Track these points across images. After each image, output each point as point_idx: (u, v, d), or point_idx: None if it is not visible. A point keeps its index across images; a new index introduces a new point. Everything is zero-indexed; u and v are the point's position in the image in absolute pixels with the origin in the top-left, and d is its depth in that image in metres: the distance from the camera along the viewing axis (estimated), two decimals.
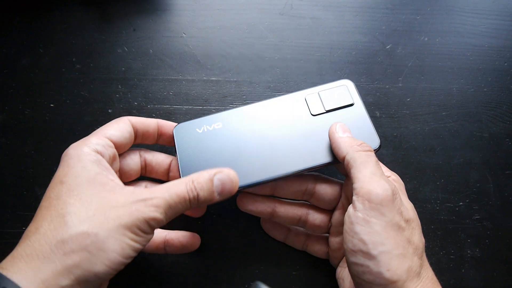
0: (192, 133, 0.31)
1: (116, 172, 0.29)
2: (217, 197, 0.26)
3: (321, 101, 0.32)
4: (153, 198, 0.24)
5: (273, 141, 0.31)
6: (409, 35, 0.41)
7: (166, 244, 0.32)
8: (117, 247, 0.22)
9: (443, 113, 0.39)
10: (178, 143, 0.31)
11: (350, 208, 0.26)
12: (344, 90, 0.33)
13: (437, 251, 0.35)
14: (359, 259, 0.24)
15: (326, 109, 0.32)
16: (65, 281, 0.21)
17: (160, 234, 0.32)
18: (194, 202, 0.25)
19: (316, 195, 0.31)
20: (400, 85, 0.40)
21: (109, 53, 0.40)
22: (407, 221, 0.25)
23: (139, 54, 0.40)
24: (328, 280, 0.35)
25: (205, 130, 0.31)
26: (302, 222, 0.32)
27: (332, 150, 0.30)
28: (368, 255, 0.24)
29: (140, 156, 0.32)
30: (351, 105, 0.32)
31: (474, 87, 0.40)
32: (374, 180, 0.25)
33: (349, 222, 0.25)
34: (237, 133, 0.31)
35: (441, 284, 0.35)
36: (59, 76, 0.39)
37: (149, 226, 0.24)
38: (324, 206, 0.32)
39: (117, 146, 0.29)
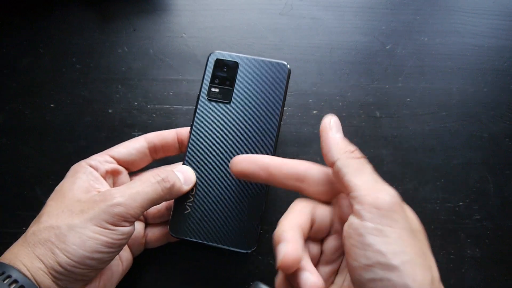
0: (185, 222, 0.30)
1: (118, 184, 0.31)
2: (184, 186, 0.29)
3: (221, 87, 0.31)
4: (118, 189, 0.26)
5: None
6: (409, 35, 0.41)
7: (145, 235, 0.32)
8: (76, 240, 0.24)
9: (443, 113, 0.39)
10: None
11: (353, 219, 0.22)
12: (221, 61, 0.32)
13: (437, 251, 0.35)
14: (377, 274, 0.21)
15: (232, 87, 0.31)
16: (39, 264, 0.23)
17: (163, 225, 0.33)
18: (164, 184, 0.27)
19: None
20: (400, 85, 0.40)
21: (109, 53, 0.40)
22: (416, 230, 0.24)
23: (139, 54, 0.40)
24: None
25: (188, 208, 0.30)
26: None
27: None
28: (388, 266, 0.20)
29: None
30: (237, 63, 0.32)
31: (474, 87, 0.40)
32: (378, 186, 0.23)
33: (357, 235, 0.22)
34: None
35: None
36: (59, 76, 0.39)
37: (117, 215, 0.24)
38: (317, 235, 0.27)
39: (122, 161, 0.31)
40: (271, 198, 0.36)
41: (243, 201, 0.30)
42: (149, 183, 0.26)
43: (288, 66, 0.31)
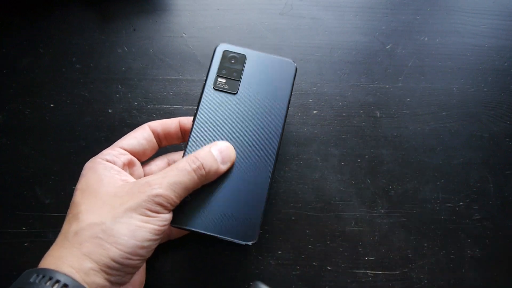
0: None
1: (134, 175, 0.31)
2: (221, 166, 0.28)
3: (228, 78, 0.31)
4: (155, 179, 0.25)
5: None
6: (409, 35, 0.41)
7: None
8: (125, 230, 0.24)
9: (443, 113, 0.39)
10: None
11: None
12: (229, 53, 0.31)
13: (437, 251, 0.35)
14: None
15: (238, 79, 0.31)
16: (89, 264, 0.23)
17: None
18: (200, 172, 0.27)
19: None
20: (400, 85, 0.40)
21: (109, 53, 0.40)
22: None
23: (139, 54, 0.40)
24: (328, 280, 0.35)
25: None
26: None
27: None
28: None
29: (168, 160, 0.34)
30: (245, 56, 0.31)
31: (474, 87, 0.40)
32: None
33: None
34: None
35: (441, 284, 0.35)
36: (59, 76, 0.39)
37: (158, 204, 0.25)
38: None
39: (134, 152, 0.30)
40: (270, 198, 0.36)
41: (245, 191, 0.29)
42: (185, 172, 0.26)
43: (295, 64, 0.31)
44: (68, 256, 0.23)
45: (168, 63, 0.40)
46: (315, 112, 0.39)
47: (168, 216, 0.26)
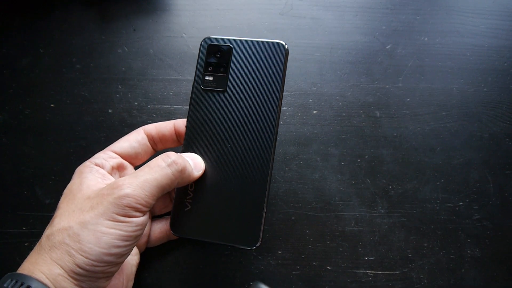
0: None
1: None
2: (195, 173, 0.28)
3: (215, 74, 0.30)
4: (125, 179, 0.24)
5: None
6: (409, 35, 0.41)
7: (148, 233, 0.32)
8: (91, 237, 0.23)
9: (443, 113, 0.39)
10: None
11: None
12: (214, 47, 0.30)
13: (437, 251, 0.35)
14: None
15: (226, 74, 0.29)
16: (57, 270, 0.22)
17: (162, 223, 0.33)
18: (175, 167, 0.26)
19: None
20: (400, 85, 0.40)
21: (109, 53, 0.40)
22: None
23: (139, 54, 0.40)
24: (328, 280, 0.35)
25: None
26: None
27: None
28: None
29: None
30: (231, 47, 0.30)
31: (474, 87, 0.40)
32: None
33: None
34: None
35: (441, 284, 0.35)
36: (59, 76, 0.39)
37: (127, 206, 0.23)
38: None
39: (126, 156, 0.30)
40: (270, 198, 0.36)
41: (244, 195, 0.29)
42: (158, 169, 0.25)
43: (286, 46, 0.29)
44: (39, 262, 0.23)
45: (168, 63, 0.40)
46: (315, 112, 0.39)
47: (141, 220, 0.24)
